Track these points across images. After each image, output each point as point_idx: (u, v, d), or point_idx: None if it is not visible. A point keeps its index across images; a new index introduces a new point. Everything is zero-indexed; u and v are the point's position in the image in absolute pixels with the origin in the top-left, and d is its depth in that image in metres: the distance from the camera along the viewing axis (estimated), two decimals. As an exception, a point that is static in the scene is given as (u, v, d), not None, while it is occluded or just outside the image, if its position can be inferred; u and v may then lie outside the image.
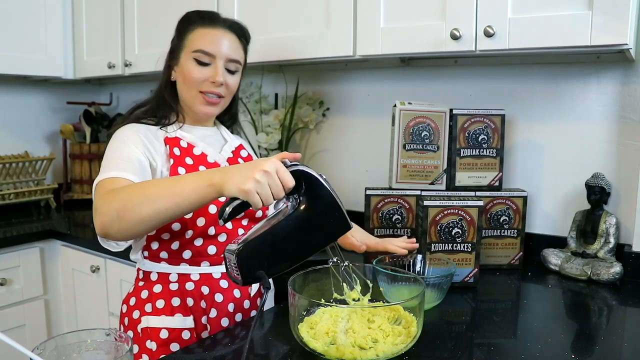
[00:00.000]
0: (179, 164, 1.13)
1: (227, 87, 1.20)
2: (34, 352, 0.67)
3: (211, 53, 1.17)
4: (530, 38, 1.23)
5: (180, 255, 1.14)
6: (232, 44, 1.20)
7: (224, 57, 1.18)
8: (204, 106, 1.20)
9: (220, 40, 1.18)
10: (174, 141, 1.17)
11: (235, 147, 1.29)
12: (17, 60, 2.11)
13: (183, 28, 1.21)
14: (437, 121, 1.48)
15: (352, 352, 0.89)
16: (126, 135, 1.12)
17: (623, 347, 1.01)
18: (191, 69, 1.17)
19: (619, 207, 1.47)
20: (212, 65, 1.18)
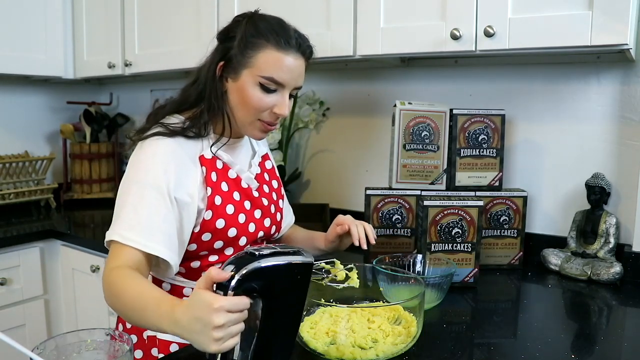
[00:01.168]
0: (216, 193, 1.04)
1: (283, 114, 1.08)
2: (34, 351, 0.67)
3: (282, 83, 1.03)
4: (530, 38, 1.23)
5: (199, 273, 1.07)
6: (300, 70, 1.06)
7: (293, 86, 1.06)
8: (258, 132, 1.08)
9: (293, 69, 1.04)
10: (211, 163, 1.05)
11: (262, 157, 1.22)
12: (17, 60, 2.11)
13: (251, 42, 1.03)
14: (437, 121, 1.48)
15: (352, 352, 0.89)
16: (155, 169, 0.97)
17: (623, 347, 1.01)
18: (256, 96, 1.03)
19: (619, 207, 1.47)
20: (277, 93, 1.04)
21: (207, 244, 1.05)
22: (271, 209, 1.17)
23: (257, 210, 1.13)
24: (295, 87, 1.07)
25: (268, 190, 1.19)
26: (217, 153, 1.07)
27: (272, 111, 1.05)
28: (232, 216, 1.07)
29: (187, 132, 1.04)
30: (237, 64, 1.03)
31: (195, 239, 1.04)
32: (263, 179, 1.19)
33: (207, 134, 1.07)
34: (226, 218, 1.05)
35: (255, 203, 1.13)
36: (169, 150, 1.00)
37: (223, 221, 1.05)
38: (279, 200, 1.23)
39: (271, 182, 1.22)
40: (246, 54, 1.02)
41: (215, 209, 1.04)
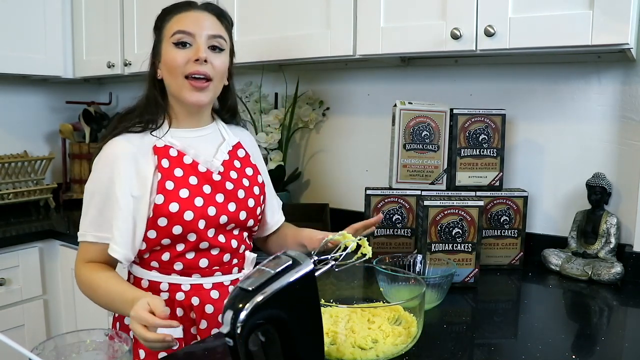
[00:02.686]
0: (167, 178, 1.08)
1: (213, 68, 1.12)
2: (33, 352, 0.67)
3: (190, 31, 1.10)
4: (531, 38, 1.23)
5: (172, 266, 1.11)
6: (212, 23, 1.13)
7: (205, 34, 1.11)
8: (191, 93, 1.11)
9: (198, 18, 1.12)
10: (163, 151, 1.11)
11: (232, 145, 1.22)
12: (16, 60, 2.10)
13: (160, 21, 1.16)
14: (437, 121, 1.47)
15: (352, 352, 0.88)
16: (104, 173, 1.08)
17: (624, 347, 1.01)
18: (172, 54, 1.10)
19: (619, 207, 1.46)
20: (193, 45, 1.10)
21: (165, 229, 1.07)
22: (239, 194, 1.16)
23: (219, 195, 1.13)
24: (212, 35, 1.12)
25: (236, 176, 1.18)
26: (170, 141, 1.12)
27: (192, 61, 1.09)
28: (187, 200, 1.08)
29: (135, 128, 1.12)
30: (157, 46, 1.15)
31: (152, 224, 1.07)
32: (231, 165, 1.19)
33: (157, 125, 1.14)
34: (180, 202, 1.07)
35: (216, 187, 1.13)
36: (115, 152, 1.09)
37: (177, 205, 1.07)
38: (254, 187, 1.20)
39: (244, 170, 1.21)
40: (160, 32, 1.15)
41: (167, 193, 1.07)
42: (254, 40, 1.67)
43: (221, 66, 1.13)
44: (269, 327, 0.72)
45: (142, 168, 1.09)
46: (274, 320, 0.72)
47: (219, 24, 1.15)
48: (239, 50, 1.70)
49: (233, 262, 1.17)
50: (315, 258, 0.79)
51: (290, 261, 0.74)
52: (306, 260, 0.75)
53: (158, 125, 1.14)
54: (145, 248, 1.10)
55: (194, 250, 1.11)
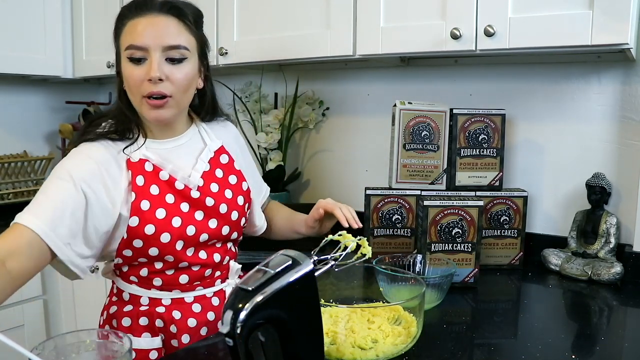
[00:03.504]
0: (142, 198, 1.00)
1: (171, 82, 1.00)
2: (33, 352, 0.66)
3: (142, 46, 0.98)
4: (531, 38, 1.23)
5: (151, 282, 1.06)
6: (166, 29, 1.00)
7: (158, 46, 0.98)
8: (150, 111, 1.01)
9: (147, 28, 0.99)
10: (138, 166, 1.02)
11: (214, 151, 1.13)
12: (16, 60, 2.10)
13: (117, 27, 1.05)
14: (437, 121, 1.47)
15: (352, 352, 0.88)
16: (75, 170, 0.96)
17: (624, 347, 1.01)
18: (128, 70, 1.00)
19: (619, 207, 1.46)
20: (148, 60, 0.99)
21: (141, 250, 1.01)
22: (220, 208, 1.09)
23: (199, 212, 1.06)
24: (167, 47, 0.99)
25: (218, 189, 1.10)
26: (145, 154, 1.04)
27: (146, 80, 0.99)
28: (164, 221, 1.01)
29: (111, 135, 1.03)
30: (118, 55, 1.06)
31: (126, 245, 1.01)
32: (212, 176, 1.11)
33: (132, 136, 1.05)
34: (156, 223, 1.00)
35: (195, 204, 1.06)
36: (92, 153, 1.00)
37: (153, 227, 1.00)
38: (238, 198, 1.13)
39: (227, 179, 1.13)
40: (117, 40, 1.05)
41: (142, 214, 0.99)
42: (254, 40, 1.67)
43: (182, 79, 1.02)
44: (269, 327, 0.72)
45: (115, 179, 1.00)
46: (274, 320, 0.72)
47: (180, 26, 1.02)
48: (239, 50, 1.71)
49: (216, 274, 1.12)
50: (315, 258, 0.79)
51: (290, 261, 0.74)
52: (306, 260, 0.75)
53: (133, 136, 1.05)
54: (121, 262, 1.05)
55: (173, 268, 1.05)
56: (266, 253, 1.09)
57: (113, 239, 1.01)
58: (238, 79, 2.04)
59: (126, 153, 1.03)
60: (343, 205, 1.17)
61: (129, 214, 0.99)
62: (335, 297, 1.08)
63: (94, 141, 1.02)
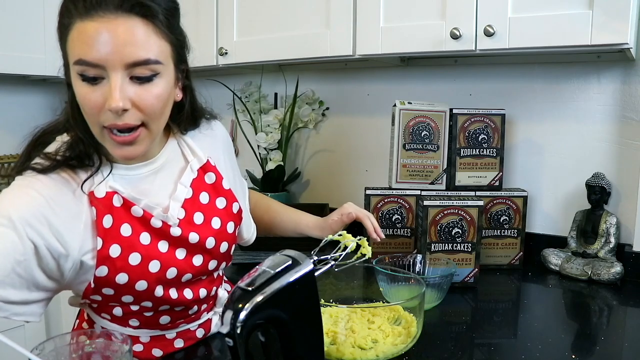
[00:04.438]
0: (111, 242, 0.81)
1: (140, 109, 0.76)
2: (33, 352, 0.66)
3: (95, 62, 0.72)
4: (531, 37, 1.23)
5: (126, 322, 0.90)
6: (129, 38, 0.72)
7: (120, 62, 0.73)
8: (116, 148, 0.78)
9: (102, 36, 0.71)
10: (104, 203, 0.81)
11: (197, 169, 0.94)
12: (15, 60, 2.10)
13: (61, 25, 0.76)
14: (437, 121, 1.47)
15: (352, 353, 0.88)
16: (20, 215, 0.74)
17: (624, 347, 1.01)
18: (80, 91, 0.75)
19: (619, 207, 1.46)
20: (106, 80, 0.74)
21: (113, 297, 0.85)
22: (207, 243, 0.91)
23: (180, 250, 0.88)
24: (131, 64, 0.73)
25: (202, 219, 0.91)
26: (112, 186, 0.82)
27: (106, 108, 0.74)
28: (139, 267, 0.83)
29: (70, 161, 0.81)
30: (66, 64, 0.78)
31: (94, 292, 0.83)
32: (196, 204, 0.92)
33: (94, 163, 0.82)
34: (129, 271, 0.82)
35: (175, 242, 0.87)
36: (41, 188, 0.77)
37: (126, 276, 0.82)
38: (227, 225, 0.95)
39: (213, 204, 0.94)
40: (64, 47, 0.77)
41: (112, 263, 0.81)
42: (253, 40, 1.67)
43: (154, 103, 0.78)
44: (269, 327, 0.72)
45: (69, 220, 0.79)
46: (274, 320, 0.72)
47: (148, 31, 0.75)
48: (238, 50, 1.71)
49: (202, 307, 0.98)
50: (315, 258, 0.79)
51: (290, 261, 0.74)
52: (306, 260, 0.75)
53: (95, 163, 0.82)
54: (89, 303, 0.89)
55: (153, 310, 0.89)
56: (266, 253, 1.10)
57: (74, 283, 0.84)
58: (238, 79, 2.04)
59: (84, 190, 0.80)
60: (370, 215, 1.17)
61: (95, 263, 0.80)
62: (335, 297, 1.08)
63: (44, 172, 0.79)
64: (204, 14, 1.76)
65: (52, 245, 0.77)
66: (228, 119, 2.11)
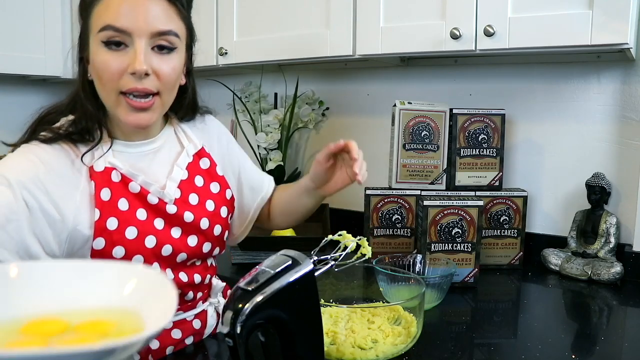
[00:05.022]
0: (108, 216, 0.84)
1: (159, 77, 0.84)
2: (33, 352, 0.66)
3: (123, 28, 0.80)
4: (531, 37, 1.23)
5: None
6: (156, 12, 0.82)
7: (146, 30, 0.81)
8: (129, 113, 0.83)
9: (135, 8, 0.80)
10: (102, 177, 0.85)
11: (193, 154, 0.98)
12: (15, 60, 2.10)
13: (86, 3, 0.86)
14: (437, 121, 1.47)
15: (352, 353, 0.88)
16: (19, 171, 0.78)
17: (623, 347, 1.01)
18: (101, 57, 0.82)
19: (619, 207, 1.46)
20: (130, 47, 0.81)
21: None
22: (202, 224, 0.95)
23: (176, 229, 0.92)
24: (157, 33, 0.82)
25: (197, 200, 0.96)
26: (111, 162, 0.86)
27: (128, 74, 0.81)
28: (135, 241, 0.86)
29: (72, 136, 0.86)
30: (84, 36, 0.86)
31: None
32: (191, 185, 0.96)
33: (94, 139, 0.87)
34: (126, 245, 0.85)
35: (171, 220, 0.91)
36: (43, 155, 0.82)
37: (122, 249, 0.85)
38: (221, 209, 0.99)
39: (208, 187, 0.99)
40: (86, 16, 0.85)
41: (109, 235, 0.84)
42: (253, 40, 1.67)
43: (171, 73, 0.86)
44: (269, 327, 0.72)
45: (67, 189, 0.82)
46: (274, 320, 0.72)
47: (170, 9, 0.84)
48: (238, 50, 1.71)
49: (197, 296, 1.00)
50: (315, 258, 0.79)
51: (290, 261, 0.74)
52: (306, 260, 0.76)
53: (95, 139, 0.87)
54: None
55: None
56: (266, 253, 1.09)
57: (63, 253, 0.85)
58: (238, 79, 2.04)
59: (85, 162, 0.85)
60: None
61: (92, 235, 0.83)
62: (335, 297, 1.08)
63: (46, 142, 0.85)
64: (204, 14, 1.75)
65: (47, 210, 0.79)
66: (228, 119, 2.11)
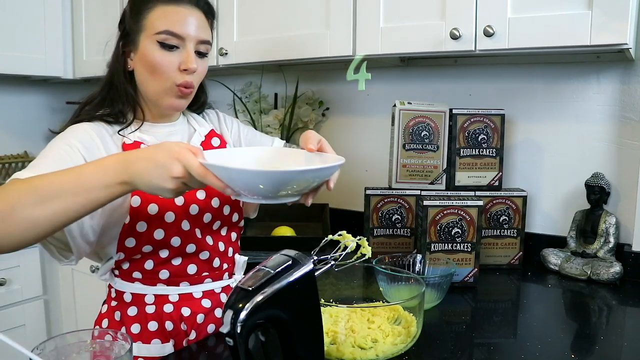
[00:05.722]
0: None
1: (198, 74, 1.04)
2: (34, 352, 0.67)
3: (179, 34, 0.99)
4: (530, 38, 1.23)
5: (157, 275, 1.03)
6: (200, 23, 1.02)
7: (195, 38, 1.01)
8: (174, 99, 1.03)
9: (187, 18, 1.00)
10: (133, 148, 1.00)
11: (205, 135, 1.14)
12: (16, 60, 2.10)
13: (140, 6, 1.02)
14: (436, 121, 1.47)
15: (352, 352, 0.89)
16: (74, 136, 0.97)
17: (623, 346, 1.01)
18: (158, 56, 0.99)
19: (618, 207, 1.47)
20: (181, 50, 1.00)
21: (145, 235, 0.99)
22: None
23: (200, 191, 1.06)
24: (200, 41, 1.02)
25: None
26: (140, 137, 1.04)
27: (179, 69, 1.01)
28: (165, 200, 0.99)
29: (107, 118, 1.04)
30: (133, 34, 1.03)
31: (130, 231, 0.98)
32: None
33: (126, 120, 1.05)
34: (159, 202, 0.99)
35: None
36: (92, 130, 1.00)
37: (156, 206, 0.99)
38: None
39: None
40: (138, 19, 1.01)
41: (143, 194, 0.98)
42: (253, 40, 1.67)
43: (203, 72, 1.07)
44: (269, 326, 0.72)
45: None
46: (274, 320, 0.72)
47: (207, 23, 1.05)
48: (239, 51, 1.71)
49: (223, 267, 1.11)
50: (315, 258, 0.80)
51: (290, 261, 0.74)
52: (306, 260, 0.76)
53: (128, 119, 1.05)
54: (123, 258, 1.02)
55: (180, 256, 1.03)
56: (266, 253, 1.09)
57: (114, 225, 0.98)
58: (238, 79, 2.04)
59: (122, 134, 1.02)
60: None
61: (130, 194, 0.97)
62: (335, 297, 1.08)
63: (90, 121, 1.02)
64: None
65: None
66: (228, 119, 2.11)
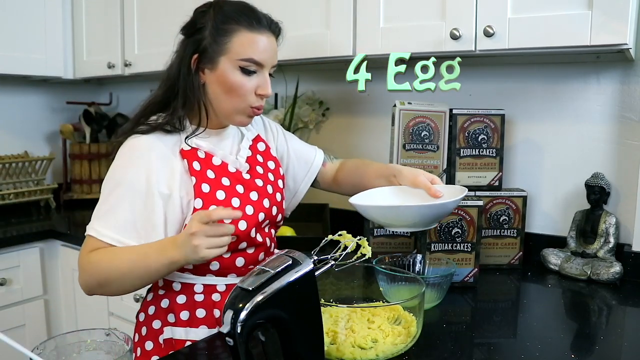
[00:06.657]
0: (202, 181, 1.05)
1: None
2: (34, 352, 0.67)
3: (261, 62, 1.06)
4: (530, 38, 1.23)
5: (207, 267, 1.08)
6: (274, 48, 1.10)
7: (271, 64, 1.09)
8: (245, 118, 1.10)
9: (268, 48, 1.07)
10: (191, 154, 1.07)
11: (252, 139, 1.21)
12: (16, 60, 2.11)
13: (223, 28, 1.04)
14: (436, 121, 1.48)
15: (352, 352, 0.89)
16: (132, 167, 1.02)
17: (623, 346, 1.01)
18: (238, 80, 1.05)
19: (618, 207, 1.47)
20: (258, 74, 1.07)
21: None
22: (268, 189, 1.16)
23: (253, 193, 1.12)
24: (273, 66, 1.10)
25: (262, 171, 1.18)
26: (196, 143, 1.09)
27: (256, 93, 1.07)
28: (225, 201, 1.06)
29: (165, 127, 1.07)
30: (212, 53, 1.05)
31: None
32: (255, 160, 1.19)
33: (184, 127, 1.10)
34: (218, 204, 1.05)
35: (248, 186, 1.12)
36: (146, 146, 1.04)
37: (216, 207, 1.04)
38: (278, 181, 1.21)
39: (266, 164, 1.21)
40: (220, 41, 1.04)
41: (205, 196, 1.05)
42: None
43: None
44: (269, 326, 0.73)
45: (170, 167, 1.05)
46: (274, 320, 0.72)
47: (276, 48, 1.12)
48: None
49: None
50: (315, 258, 0.80)
51: (290, 261, 0.74)
52: (306, 260, 0.76)
53: (185, 127, 1.10)
54: None
55: (231, 251, 1.08)
56: (266, 253, 1.10)
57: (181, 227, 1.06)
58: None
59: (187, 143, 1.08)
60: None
61: (194, 197, 1.04)
62: (335, 297, 1.08)
63: (146, 133, 1.06)
64: (204, 15, 1.76)
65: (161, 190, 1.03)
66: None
